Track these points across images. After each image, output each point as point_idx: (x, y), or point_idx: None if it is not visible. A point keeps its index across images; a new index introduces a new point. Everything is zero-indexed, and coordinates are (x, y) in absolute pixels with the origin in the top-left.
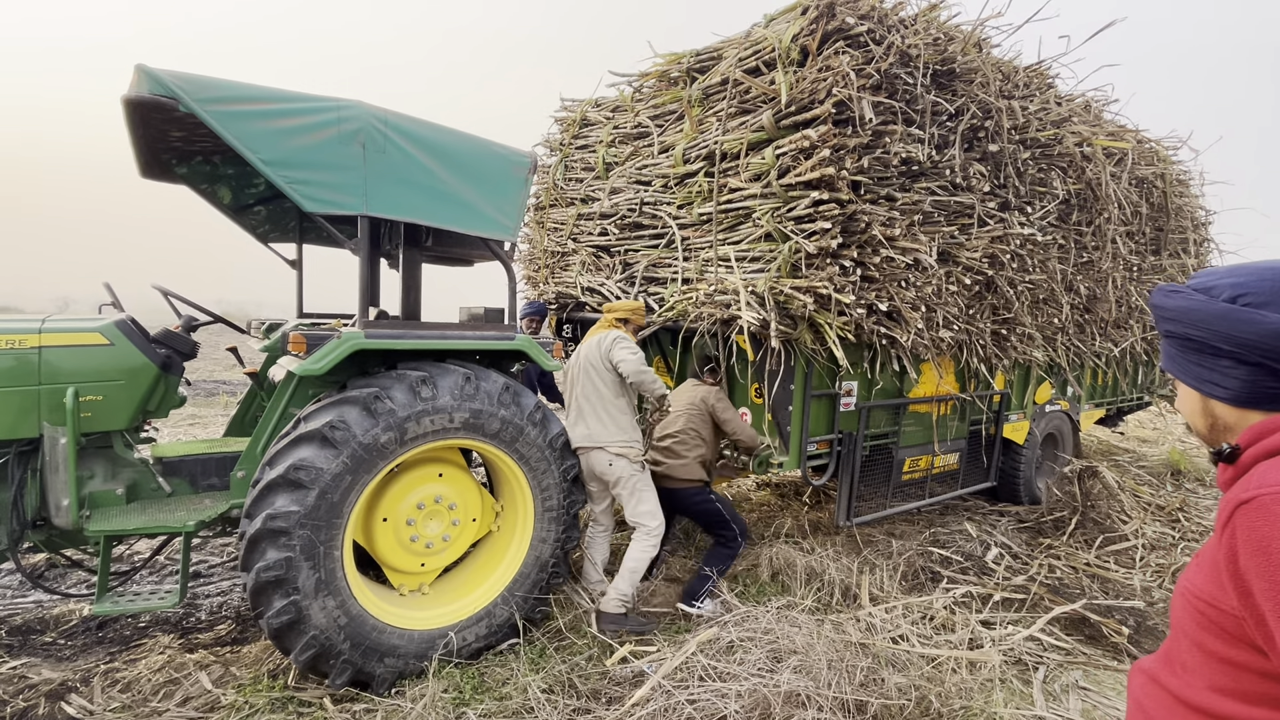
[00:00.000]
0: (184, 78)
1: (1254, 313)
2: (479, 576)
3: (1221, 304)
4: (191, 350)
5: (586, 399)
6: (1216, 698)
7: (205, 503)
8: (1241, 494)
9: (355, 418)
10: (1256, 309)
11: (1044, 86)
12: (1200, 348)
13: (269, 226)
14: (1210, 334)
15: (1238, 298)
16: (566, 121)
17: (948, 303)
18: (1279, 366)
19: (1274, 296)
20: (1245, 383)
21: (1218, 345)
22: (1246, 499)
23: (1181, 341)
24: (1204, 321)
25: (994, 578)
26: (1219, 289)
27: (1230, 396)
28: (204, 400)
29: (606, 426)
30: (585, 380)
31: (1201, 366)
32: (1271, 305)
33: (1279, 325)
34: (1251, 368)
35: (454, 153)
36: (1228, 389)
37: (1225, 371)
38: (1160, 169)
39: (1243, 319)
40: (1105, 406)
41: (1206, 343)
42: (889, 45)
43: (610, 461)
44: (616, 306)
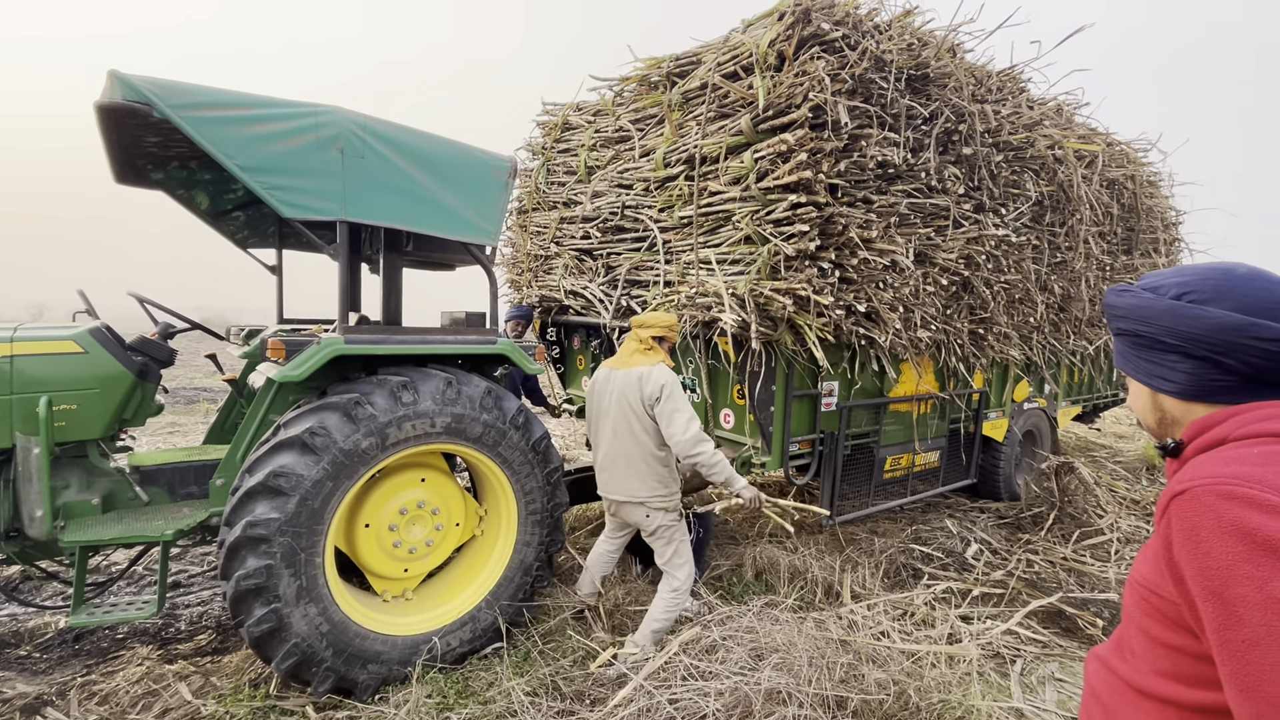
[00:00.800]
0: (158, 83)
1: (1199, 308)
2: (463, 581)
3: (1168, 300)
4: (168, 358)
5: (621, 445)
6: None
7: (184, 511)
8: (1176, 486)
9: (336, 423)
10: (1201, 305)
11: (1016, 91)
12: (1149, 343)
13: (248, 232)
14: (1158, 329)
15: (1183, 295)
16: (548, 126)
17: (925, 303)
18: (1222, 359)
19: (1216, 294)
20: (1191, 376)
21: (1165, 340)
22: (1180, 491)
23: (1132, 338)
24: (1152, 317)
25: (974, 573)
26: (1165, 287)
27: (1177, 390)
28: (183, 408)
29: (646, 481)
30: (622, 422)
31: (1150, 362)
32: (1214, 302)
33: (1221, 319)
34: (1196, 361)
35: (434, 158)
36: (1175, 383)
37: (1172, 365)
38: (1130, 171)
39: (1188, 314)
40: (1082, 403)
41: (1155, 338)
42: (864, 50)
43: (648, 514)
44: (649, 321)
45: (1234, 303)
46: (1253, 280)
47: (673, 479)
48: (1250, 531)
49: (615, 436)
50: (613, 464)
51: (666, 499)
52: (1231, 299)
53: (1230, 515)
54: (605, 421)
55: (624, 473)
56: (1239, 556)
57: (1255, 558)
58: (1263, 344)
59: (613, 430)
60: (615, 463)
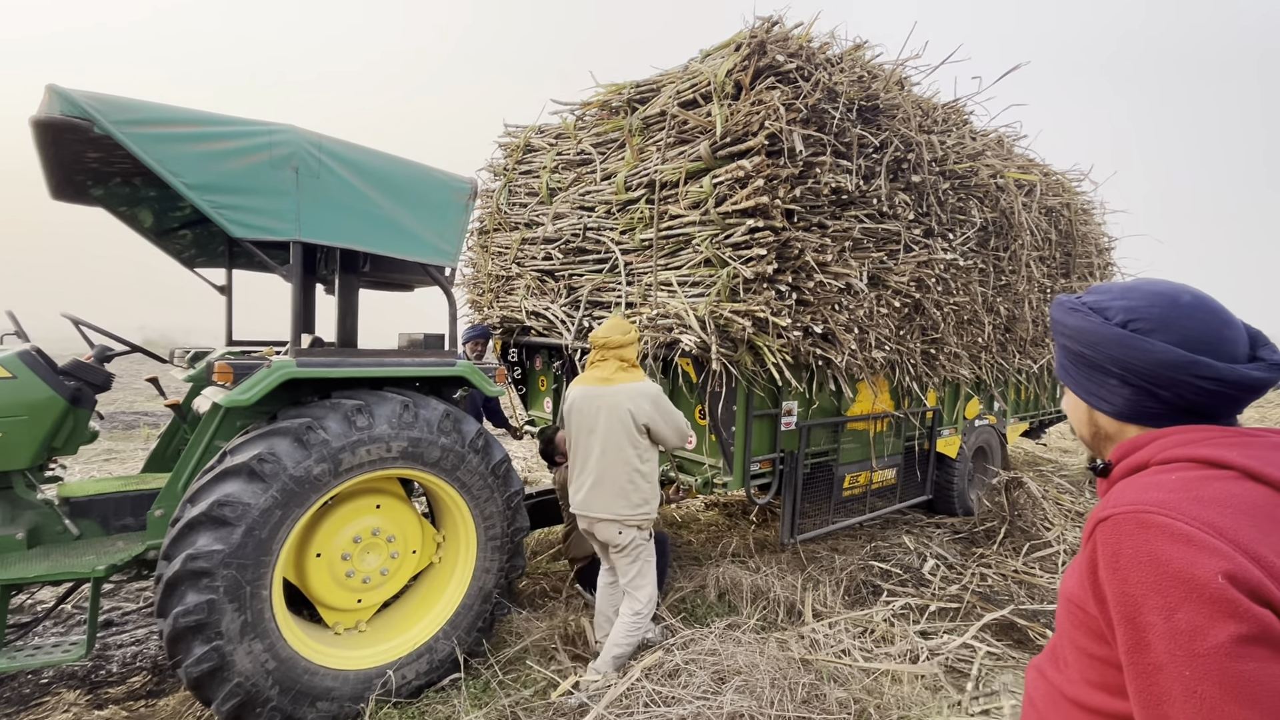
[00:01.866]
0: (100, 99)
1: (1143, 340)
2: (419, 611)
3: (1114, 328)
4: (104, 382)
5: (610, 463)
6: (1088, 689)
7: (118, 545)
8: (1101, 511)
9: (286, 449)
10: (1145, 335)
11: (960, 122)
12: (1091, 364)
13: (195, 251)
14: (1102, 355)
15: (1129, 322)
16: (510, 147)
17: (879, 324)
18: (1159, 391)
19: (1161, 324)
20: (1128, 400)
21: (1107, 366)
22: (1104, 516)
23: (1075, 355)
24: (1098, 343)
25: (931, 588)
26: (1113, 310)
27: (1113, 411)
28: (121, 434)
29: (630, 498)
30: (612, 440)
31: (1091, 380)
32: (1158, 332)
33: (1164, 355)
34: (1134, 389)
35: (392, 178)
36: (1112, 404)
37: (1112, 389)
38: (1066, 199)
39: (1132, 345)
40: (1029, 420)
41: (1098, 362)
42: (817, 82)
43: (620, 530)
44: (618, 341)
45: (1177, 335)
46: (1196, 311)
47: (654, 494)
48: (1162, 561)
49: (605, 455)
50: (600, 482)
51: (645, 517)
52: (1175, 331)
53: (1145, 544)
54: (593, 439)
55: (609, 491)
56: (1150, 585)
57: (1164, 587)
58: (1200, 381)
59: (602, 449)
60: (602, 480)
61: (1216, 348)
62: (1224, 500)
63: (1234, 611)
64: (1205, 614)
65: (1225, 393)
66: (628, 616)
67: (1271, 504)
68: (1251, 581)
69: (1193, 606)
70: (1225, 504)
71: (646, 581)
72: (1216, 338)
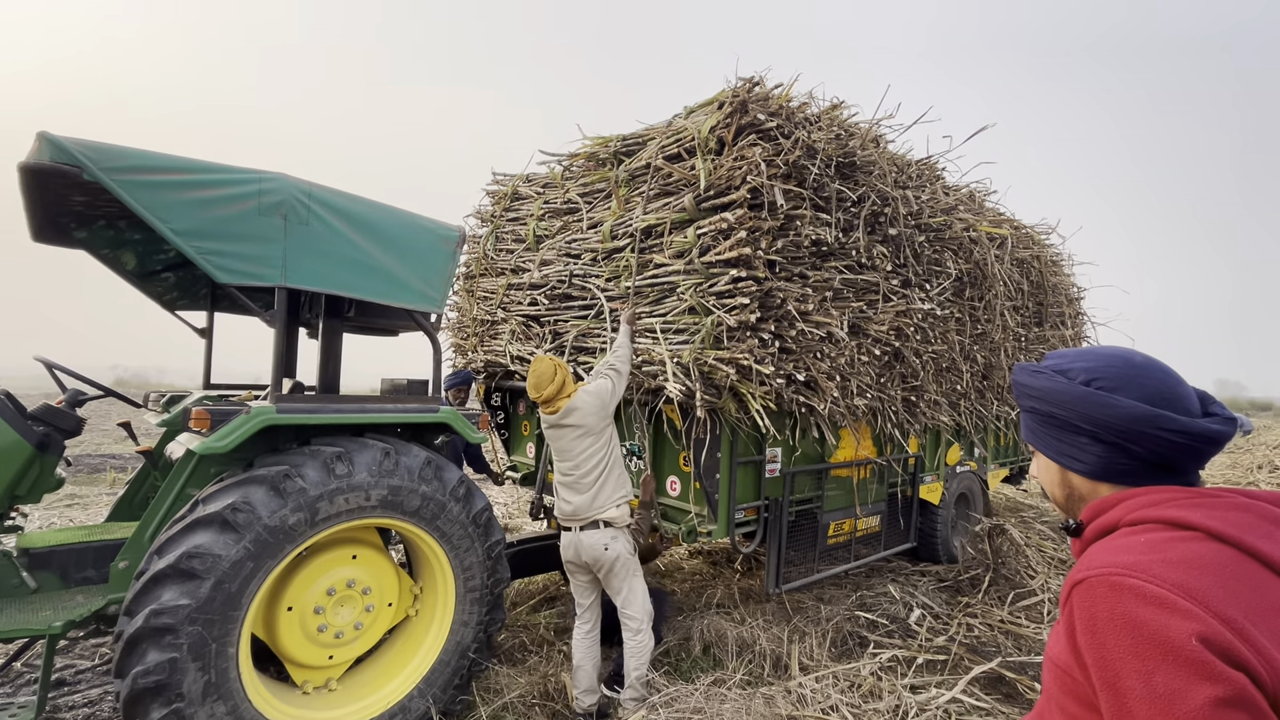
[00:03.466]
0: (90, 145)
1: (1110, 397)
2: (394, 667)
3: (1080, 387)
4: (75, 427)
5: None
6: None
7: (77, 599)
8: (1076, 574)
9: (261, 498)
10: (1110, 393)
11: (933, 178)
12: (1062, 424)
13: (177, 294)
14: (1072, 414)
15: (1092, 381)
16: (498, 194)
17: (860, 372)
18: (1130, 446)
19: (1122, 382)
20: (1100, 458)
21: (1078, 424)
22: (1079, 580)
23: (1044, 417)
24: (1067, 402)
25: (917, 639)
26: (1074, 371)
27: (1087, 470)
28: (86, 477)
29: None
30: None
31: (1062, 441)
32: (1121, 390)
33: (1132, 409)
34: (1107, 445)
35: (380, 225)
36: (1085, 463)
37: (1084, 448)
38: (1036, 251)
39: (1101, 402)
40: (1009, 465)
41: (1068, 421)
42: (796, 139)
43: (606, 546)
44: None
45: (1139, 392)
46: (1151, 370)
47: (627, 482)
48: (1138, 625)
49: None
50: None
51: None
52: (1136, 388)
53: (1121, 608)
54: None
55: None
56: (1128, 649)
57: (1141, 651)
58: (1167, 435)
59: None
60: (579, 484)
61: (1175, 403)
62: (1191, 561)
63: (1210, 674)
64: (1182, 677)
65: (1190, 445)
66: (631, 641)
67: (1235, 564)
68: (1223, 644)
69: (1170, 670)
70: (1193, 565)
71: (637, 597)
72: (1174, 394)
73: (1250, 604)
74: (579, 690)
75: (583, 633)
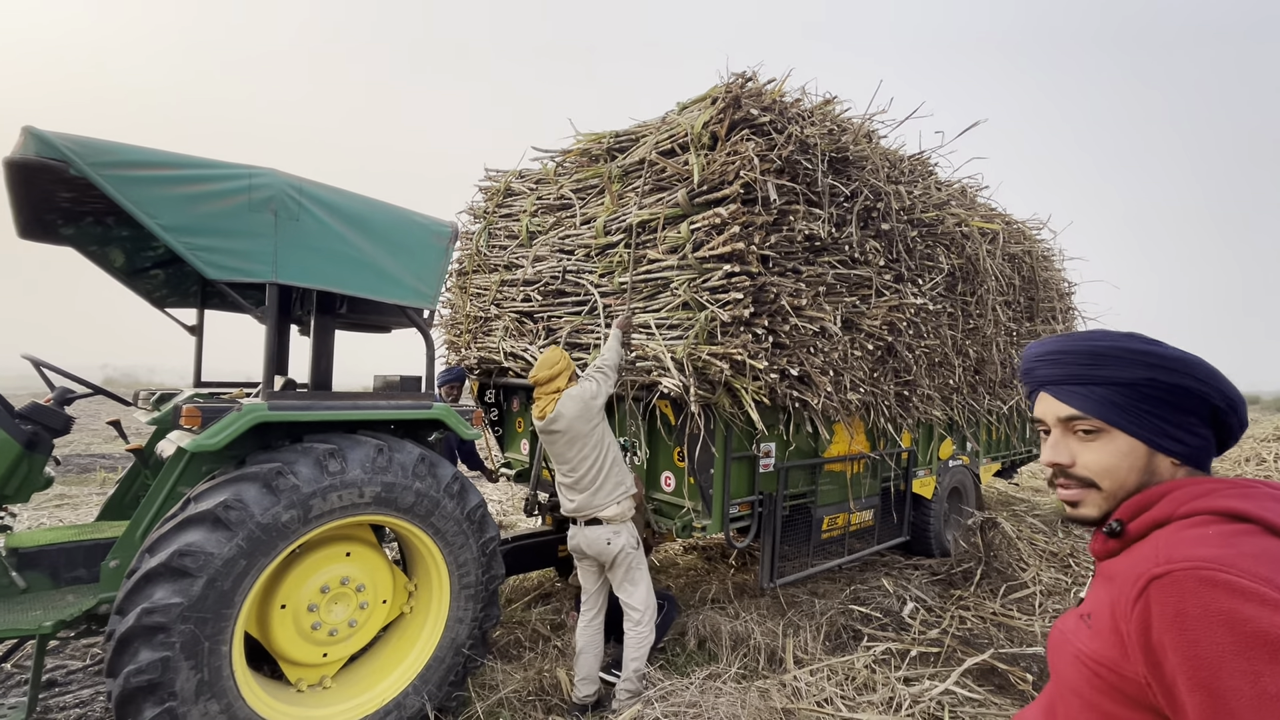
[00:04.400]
0: (76, 140)
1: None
2: (388, 664)
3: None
4: (64, 426)
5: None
6: None
7: (68, 599)
8: (1154, 568)
9: (254, 496)
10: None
11: (925, 174)
12: (1178, 401)
13: (167, 291)
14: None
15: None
16: (491, 191)
17: (853, 367)
18: (1235, 431)
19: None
20: (1205, 441)
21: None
22: (1160, 574)
23: (1164, 390)
24: (1201, 376)
25: (911, 632)
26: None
27: (1186, 453)
28: (76, 477)
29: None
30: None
31: (1167, 421)
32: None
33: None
34: (1213, 428)
35: (372, 221)
36: (1187, 445)
37: (1192, 428)
38: (1027, 246)
39: (1227, 381)
40: (1001, 460)
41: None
42: (789, 134)
43: (609, 540)
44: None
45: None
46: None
47: (628, 477)
48: (1241, 623)
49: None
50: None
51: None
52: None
53: (1218, 604)
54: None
55: (589, 489)
56: (1229, 649)
57: (1246, 651)
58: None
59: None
60: (580, 484)
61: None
62: (1264, 555)
63: None
64: None
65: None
66: (631, 630)
67: None
68: None
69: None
70: (1267, 558)
71: (640, 589)
72: None
73: None
74: (578, 678)
75: (586, 620)
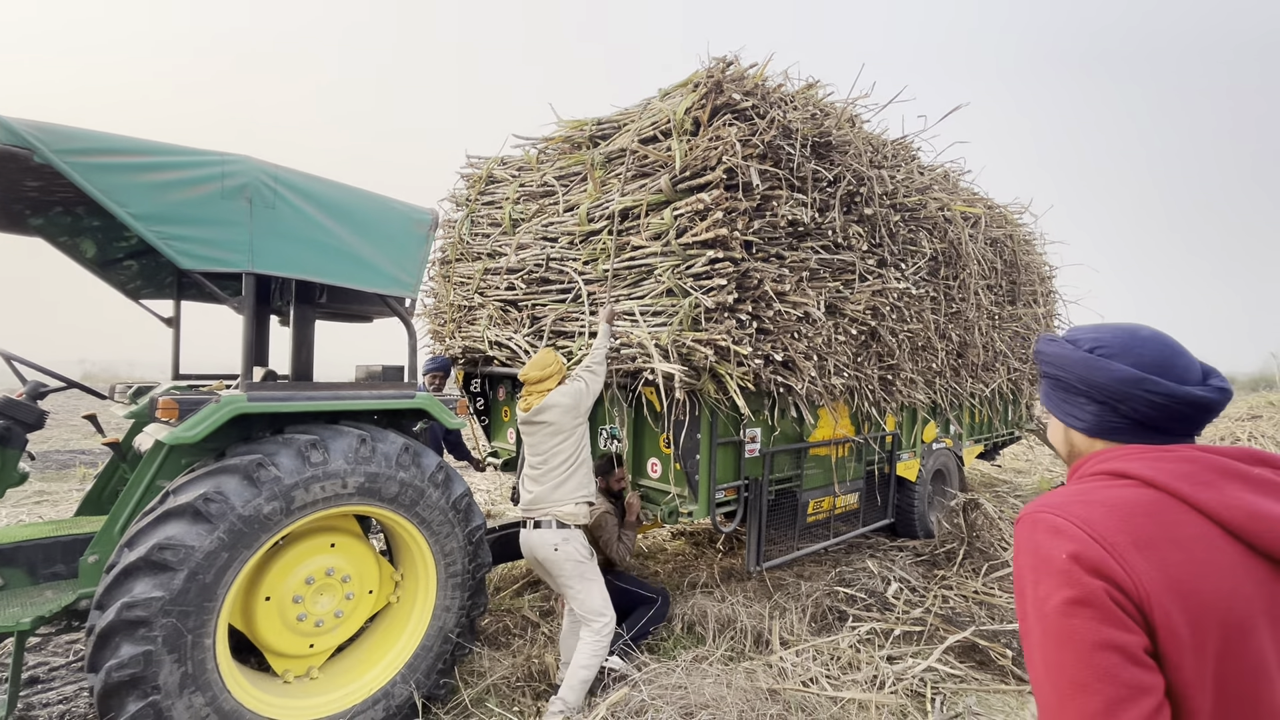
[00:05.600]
0: (41, 126)
1: (1106, 361)
2: (376, 654)
3: (1083, 353)
4: (37, 420)
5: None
6: None
7: (46, 595)
8: (1021, 513)
9: (234, 488)
10: (1108, 359)
11: (908, 158)
12: (1066, 386)
13: (141, 282)
14: (1073, 376)
15: (1095, 349)
16: (473, 178)
17: (837, 352)
18: (1118, 405)
19: (1122, 350)
20: (1095, 416)
21: (1077, 385)
22: (1020, 517)
23: (1054, 380)
24: (1068, 366)
25: (895, 612)
26: (1083, 341)
27: (1084, 427)
28: (55, 474)
29: (565, 486)
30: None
31: (1067, 402)
32: (1119, 357)
33: (1121, 372)
34: (1100, 404)
35: (351, 209)
36: (1083, 420)
37: (1081, 406)
38: (1009, 230)
39: (1095, 365)
40: (983, 442)
41: (1070, 383)
42: (772, 119)
43: (555, 546)
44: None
45: (1133, 359)
46: (1151, 342)
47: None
48: (1035, 547)
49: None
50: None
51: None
52: (1132, 356)
53: (1029, 534)
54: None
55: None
56: (1027, 565)
57: (1035, 565)
58: (1151, 396)
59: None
60: (543, 479)
61: (1166, 370)
62: (1106, 501)
63: (1069, 581)
64: (1052, 583)
65: (1173, 408)
66: (588, 638)
67: (1152, 504)
68: (1093, 559)
69: (1046, 578)
70: (1103, 504)
71: (593, 597)
72: (1167, 363)
73: (1147, 534)
74: (564, 663)
75: (569, 623)
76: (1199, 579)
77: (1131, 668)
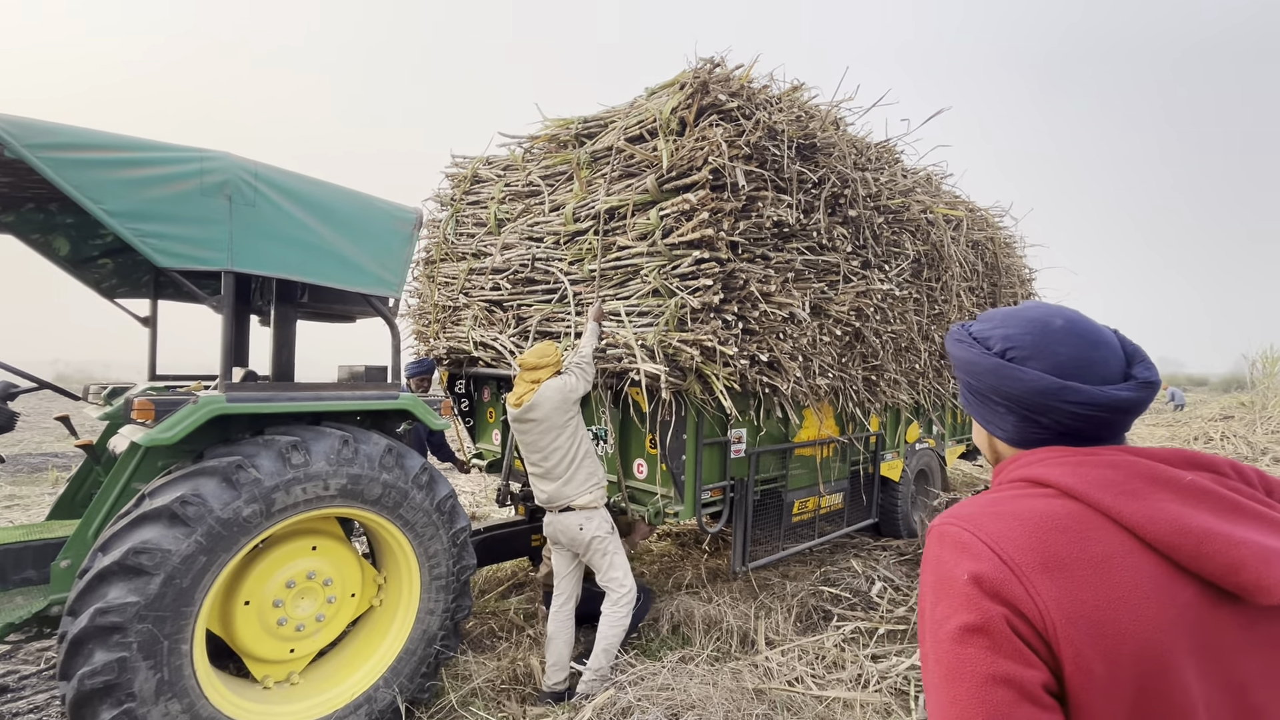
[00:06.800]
0: (11, 121)
1: (1017, 369)
2: (358, 658)
3: (994, 358)
4: (7, 422)
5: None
6: None
7: (16, 601)
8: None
9: (212, 490)
10: (1020, 364)
11: (891, 161)
12: (982, 397)
13: (117, 281)
14: (986, 385)
15: (1006, 350)
16: (457, 178)
17: (822, 352)
18: (1038, 417)
19: (1034, 351)
20: (1016, 427)
21: (992, 396)
22: (931, 528)
23: (967, 385)
24: (981, 374)
25: (879, 611)
26: (993, 340)
27: (1006, 437)
28: (26, 477)
29: (576, 478)
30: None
31: (985, 409)
32: (1032, 359)
33: (1035, 382)
34: (1018, 416)
35: (333, 207)
36: (1004, 430)
37: (1001, 415)
38: (990, 233)
39: (1008, 375)
40: (965, 442)
41: (983, 391)
42: (757, 121)
43: (581, 525)
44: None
45: (1049, 362)
46: (1067, 336)
47: (598, 469)
48: (939, 564)
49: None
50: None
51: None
52: (1047, 358)
53: (936, 549)
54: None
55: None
56: (929, 583)
57: (935, 584)
58: (1071, 407)
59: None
60: (551, 474)
61: (1087, 371)
62: (1019, 514)
63: (968, 604)
64: (949, 606)
65: (1098, 416)
66: (609, 610)
67: (1069, 518)
68: (995, 581)
69: (945, 600)
70: (1016, 517)
71: (618, 570)
72: (1086, 360)
73: (1060, 554)
74: (549, 664)
75: (558, 605)
76: (1116, 606)
77: (1026, 706)
